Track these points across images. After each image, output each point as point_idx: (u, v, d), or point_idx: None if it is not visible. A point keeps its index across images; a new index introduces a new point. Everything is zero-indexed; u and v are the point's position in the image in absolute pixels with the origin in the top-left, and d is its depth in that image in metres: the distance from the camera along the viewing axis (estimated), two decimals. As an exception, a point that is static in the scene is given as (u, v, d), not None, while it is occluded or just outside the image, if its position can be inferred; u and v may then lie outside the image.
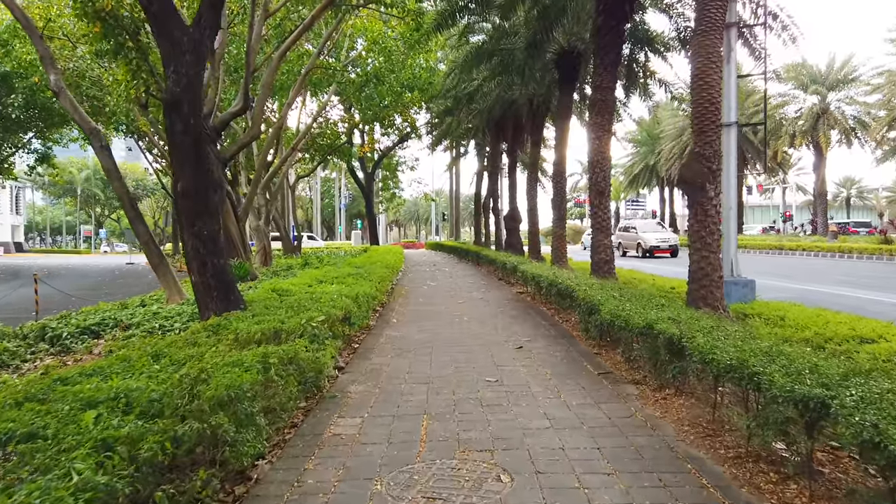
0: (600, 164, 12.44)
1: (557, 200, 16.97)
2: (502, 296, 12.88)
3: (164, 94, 7.19)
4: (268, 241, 19.66)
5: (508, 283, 15.35)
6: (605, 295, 7.24)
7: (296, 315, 6.53)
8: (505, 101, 21.08)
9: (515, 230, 24.47)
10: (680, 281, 12.34)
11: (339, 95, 25.27)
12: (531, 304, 11.48)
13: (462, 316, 10.08)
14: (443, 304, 11.80)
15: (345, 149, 34.42)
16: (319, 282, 10.37)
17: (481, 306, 11.28)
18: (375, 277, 11.67)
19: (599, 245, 12.50)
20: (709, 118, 7.59)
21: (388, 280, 14.19)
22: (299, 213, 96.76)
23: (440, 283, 16.27)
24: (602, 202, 12.56)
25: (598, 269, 12.41)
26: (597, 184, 12.50)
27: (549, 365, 6.34)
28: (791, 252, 28.89)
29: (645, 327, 5.29)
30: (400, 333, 8.56)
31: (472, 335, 8.25)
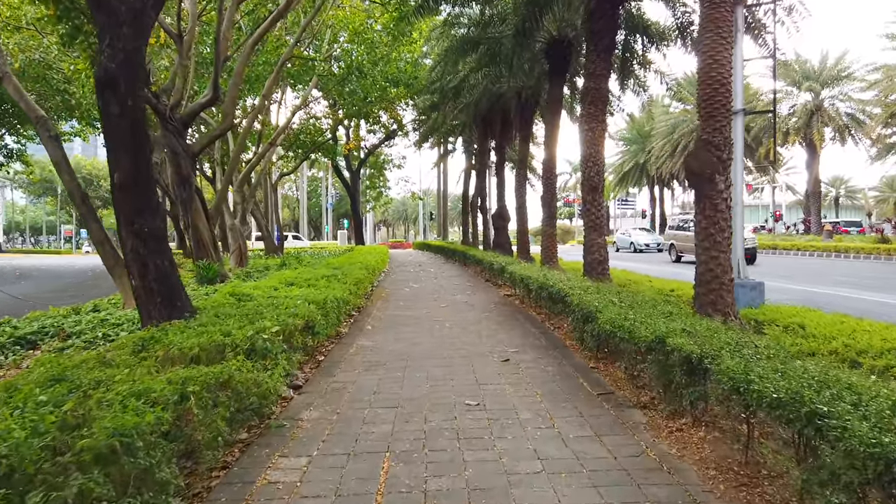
0: (593, 159, 11.60)
1: (547, 198, 16.12)
2: (488, 299, 12.00)
3: (97, 70, 6.24)
4: (243, 240, 18.68)
5: (496, 285, 14.48)
6: (603, 300, 6.38)
7: (249, 324, 5.63)
8: (492, 95, 20.22)
9: (504, 229, 23.61)
10: (679, 283, 11.54)
11: (321, 90, 24.31)
12: (519, 308, 10.61)
13: (444, 322, 9.19)
14: (424, 308, 10.91)
15: (329, 146, 33.51)
16: (288, 284, 9.46)
17: (465, 311, 10.40)
18: (351, 280, 10.78)
19: (592, 244, 11.65)
20: (718, 101, 6.75)
21: (368, 282, 13.29)
22: (286, 212, 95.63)
23: (424, 284, 15.38)
24: (595, 199, 11.72)
25: (591, 270, 11.57)
26: (589, 179, 11.65)
27: (539, 382, 5.46)
28: (786, 252, 28.25)
29: (655, 341, 4.42)
30: (373, 343, 7.66)
31: (454, 345, 7.36)
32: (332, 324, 7.70)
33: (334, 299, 8.00)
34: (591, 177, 11.61)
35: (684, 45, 13.68)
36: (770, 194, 75.89)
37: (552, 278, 9.01)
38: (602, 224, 11.82)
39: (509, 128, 23.05)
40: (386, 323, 9.27)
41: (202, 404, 3.60)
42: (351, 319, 9.72)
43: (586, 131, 11.62)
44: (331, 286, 9.21)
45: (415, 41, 22.74)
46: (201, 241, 14.52)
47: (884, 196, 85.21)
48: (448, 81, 19.16)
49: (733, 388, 3.24)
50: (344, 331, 8.65)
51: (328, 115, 30.46)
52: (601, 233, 11.75)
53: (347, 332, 8.52)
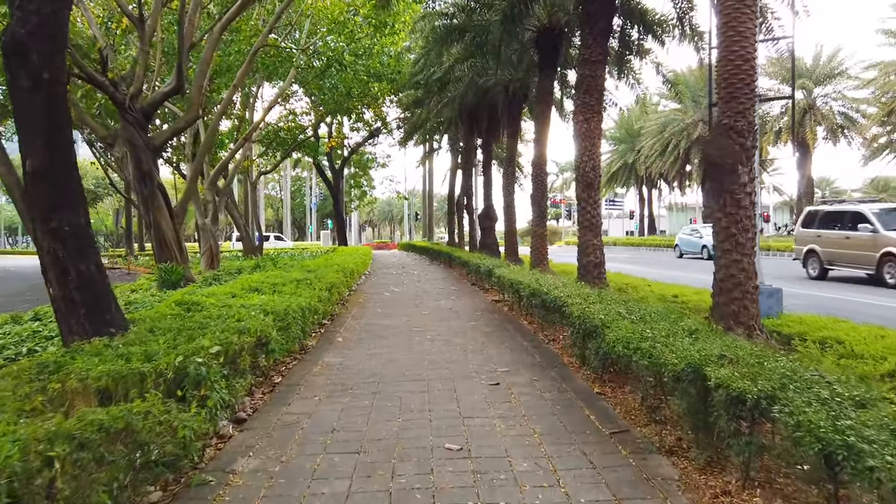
0: (589, 153, 10.66)
1: (537, 196, 15.18)
2: (475, 305, 11.02)
3: (3, 35, 5.18)
4: (214, 240, 17.56)
5: (482, 290, 13.51)
6: (609, 312, 5.42)
7: (186, 342, 4.63)
8: (479, 89, 19.27)
9: (491, 230, 22.66)
10: (681, 288, 10.63)
11: (301, 84, 23.22)
12: (509, 316, 9.64)
13: (425, 332, 8.19)
14: (404, 315, 9.90)
15: (310, 144, 32.42)
16: (252, 290, 8.44)
17: (450, 319, 9.40)
18: (324, 284, 9.78)
19: (588, 245, 10.72)
20: (742, 80, 5.81)
21: (344, 286, 12.26)
22: (269, 212, 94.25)
23: (406, 288, 14.37)
24: (591, 196, 10.78)
25: (586, 273, 10.63)
26: (585, 175, 10.71)
27: (537, 415, 4.48)
28: (780, 253, 27.55)
29: (687, 371, 3.46)
30: (342, 359, 6.65)
31: (435, 362, 6.36)
32: (293, 338, 6.67)
33: (298, 309, 6.98)
34: (587, 172, 10.67)
35: (682, 34, 12.81)
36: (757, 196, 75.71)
37: (546, 284, 8.05)
38: (598, 223, 10.89)
39: (496, 124, 22.12)
40: (360, 334, 8.25)
41: (75, 472, 2.58)
42: (321, 329, 8.70)
43: (581, 123, 10.68)
44: (298, 292, 8.20)
45: (397, 32, 21.72)
46: (164, 242, 13.44)
47: (869, 198, 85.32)
48: (432, 73, 18.17)
49: (822, 451, 2.28)
50: (311, 344, 7.63)
51: (309, 112, 29.41)
52: (597, 233, 10.81)
53: (315, 346, 7.50)
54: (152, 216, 13.24)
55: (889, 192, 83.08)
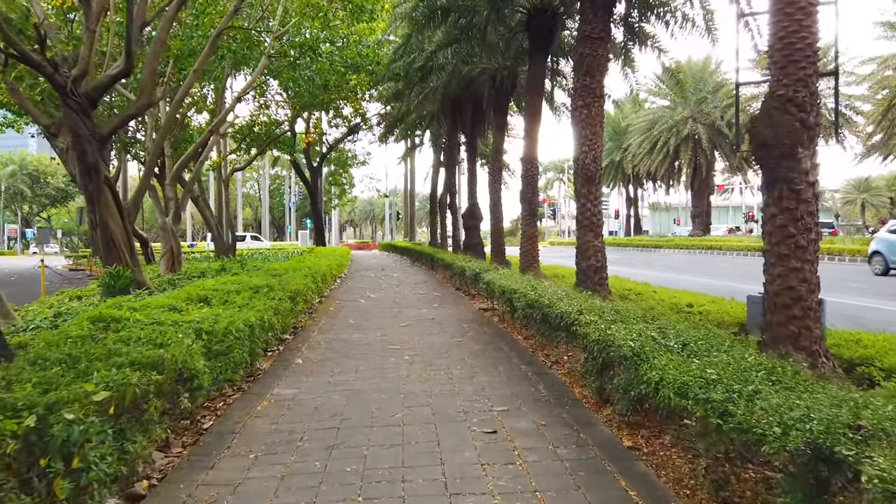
0: (590, 142, 9.42)
1: (528, 194, 13.94)
2: (461, 315, 9.73)
3: None
4: (175, 241, 16.06)
5: (468, 295, 12.24)
6: (637, 335, 4.16)
7: (68, 384, 3.30)
8: (463, 79, 17.99)
9: (476, 229, 21.39)
10: (693, 295, 9.42)
11: (274, 76, 21.76)
12: (500, 329, 8.36)
13: (403, 351, 6.88)
14: (379, 328, 8.59)
15: (286, 140, 30.98)
16: (198, 301, 7.12)
17: (432, 333, 8.10)
18: (287, 292, 8.46)
19: (588, 247, 9.48)
20: (803, 39, 4.58)
21: (313, 293, 10.91)
22: (248, 211, 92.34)
23: (384, 294, 13.05)
24: (591, 191, 9.54)
25: (585, 279, 9.40)
26: (585, 168, 9.47)
27: (554, 490, 3.19)
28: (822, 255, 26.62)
29: (805, 452, 2.19)
30: (297, 391, 5.32)
31: (413, 396, 5.06)
32: (236, 363, 5.33)
33: (245, 327, 5.63)
34: (587, 165, 9.42)
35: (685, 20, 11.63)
36: (739, 196, 75.47)
37: (545, 294, 6.77)
38: (599, 223, 9.65)
39: (481, 117, 20.87)
40: (325, 352, 6.92)
41: None
42: (280, 346, 7.36)
43: (580, 109, 9.44)
44: (252, 304, 6.87)
45: (375, 19, 20.38)
46: (112, 243, 11.98)
47: (851, 198, 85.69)
48: (413, 61, 16.84)
49: None
50: (264, 367, 6.29)
51: (285, 106, 27.99)
52: (598, 233, 9.58)
53: (267, 370, 6.16)
54: (98, 214, 11.79)
55: (871, 193, 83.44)
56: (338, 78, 22.29)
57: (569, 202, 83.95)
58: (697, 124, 36.11)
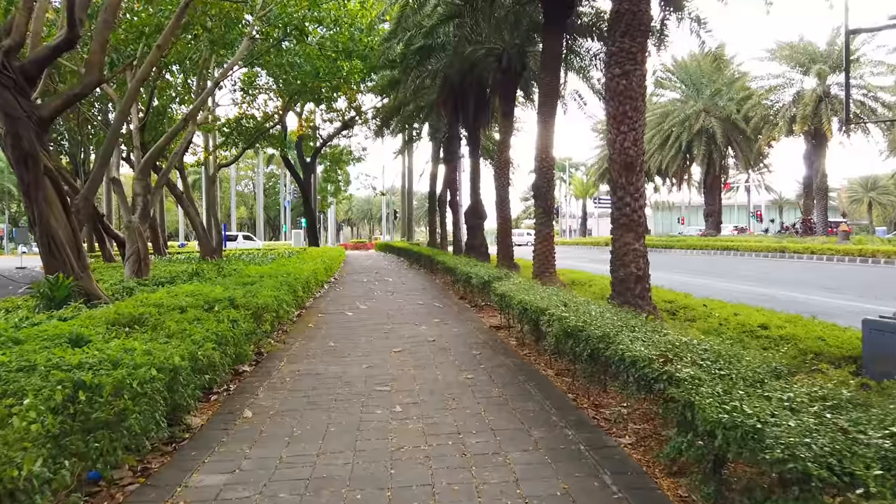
0: (630, 120, 7.56)
1: (542, 187, 12.07)
2: (468, 335, 7.86)
3: None
4: (143, 242, 14.14)
5: (475, 307, 10.39)
6: (814, 419, 2.32)
7: None
8: (465, 61, 16.11)
9: (479, 229, 19.54)
10: (766, 314, 7.54)
11: (256, 58, 19.85)
12: (520, 357, 6.50)
13: (393, 398, 5.01)
14: (366, 354, 6.72)
15: (276, 134, 29.16)
16: (126, 324, 5.43)
17: (433, 365, 6.24)
18: (252, 308, 6.70)
19: (626, 251, 7.62)
20: None
21: (289, 306, 9.01)
22: (242, 210, 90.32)
23: (376, 304, 11.19)
24: (631, 181, 7.66)
25: (624, 290, 7.54)
26: (623, 152, 7.60)
27: None
28: (797, 256, 24.81)
29: None
30: (228, 478, 3.45)
31: (407, 486, 3.22)
32: (132, 434, 3.46)
33: (158, 375, 3.77)
34: (626, 148, 7.56)
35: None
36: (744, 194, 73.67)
37: (591, 317, 4.91)
38: (641, 220, 7.77)
39: (485, 107, 19.00)
40: (285, 400, 5.04)
41: None
42: (233, 385, 5.51)
43: (617, 79, 7.58)
44: (192, 330, 5.08)
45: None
46: (54, 245, 10.05)
47: (857, 196, 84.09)
48: (410, 40, 14.98)
49: None
50: (195, 423, 4.44)
51: (274, 97, 26.14)
52: (640, 234, 7.71)
53: (199, 430, 4.31)
54: (37, 211, 9.89)
55: (878, 191, 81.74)
56: (328, 64, 20.46)
57: (570, 201, 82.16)
58: (711, 118, 34.19)
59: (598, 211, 74.14)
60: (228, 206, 74.40)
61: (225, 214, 79.19)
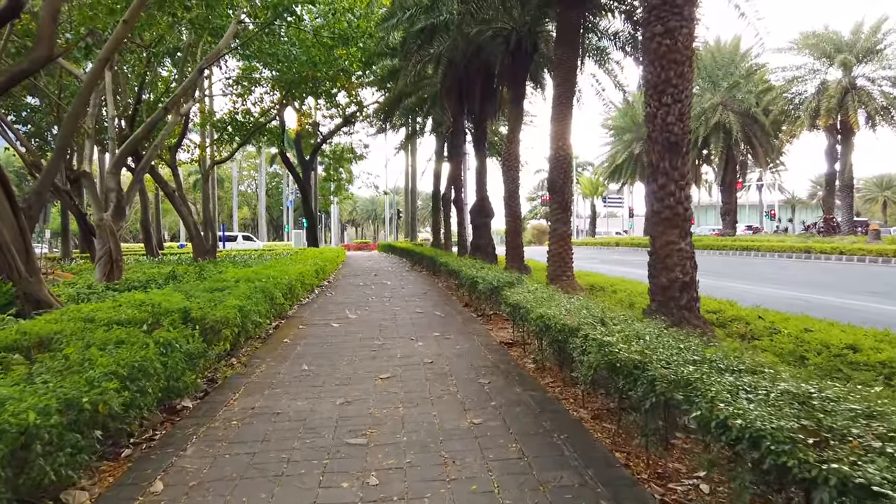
0: (674, 88, 6.10)
1: (559, 180, 10.61)
2: (475, 355, 6.40)
3: None
4: (115, 242, 12.75)
5: (482, 316, 8.94)
6: None
7: None
8: (471, 44, 14.68)
9: (485, 228, 18.08)
10: (852, 331, 6.07)
11: (244, 45, 18.46)
12: (542, 389, 5.04)
13: (368, 460, 3.57)
14: (344, 383, 5.29)
15: (273, 129, 27.82)
16: (12, 347, 3.99)
17: (429, 401, 4.79)
18: (210, 321, 5.37)
19: (670, 253, 6.16)
20: None
21: (261, 317, 7.57)
22: (245, 210, 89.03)
23: (368, 313, 9.76)
24: (675, 165, 6.20)
25: (667, 300, 6.08)
26: (666, 128, 6.15)
27: None
28: (824, 256, 23.24)
29: None
30: None
31: None
32: None
33: None
34: (669, 124, 6.11)
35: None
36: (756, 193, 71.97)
37: (650, 346, 3.47)
38: (687, 214, 6.31)
39: (492, 96, 17.53)
40: (217, 466, 3.59)
41: None
42: (158, 432, 4.09)
43: (658, 37, 6.13)
44: (101, 362, 3.69)
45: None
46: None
47: (872, 196, 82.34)
48: (412, 17, 13.56)
49: None
50: (80, 500, 3.03)
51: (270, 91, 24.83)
52: (686, 231, 6.25)
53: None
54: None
55: (893, 191, 79.88)
56: (324, 52, 19.11)
57: (578, 201, 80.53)
58: (729, 112, 32.59)
59: (605, 210, 72.59)
60: (231, 206, 73.18)
61: (227, 215, 77.97)
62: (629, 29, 12.12)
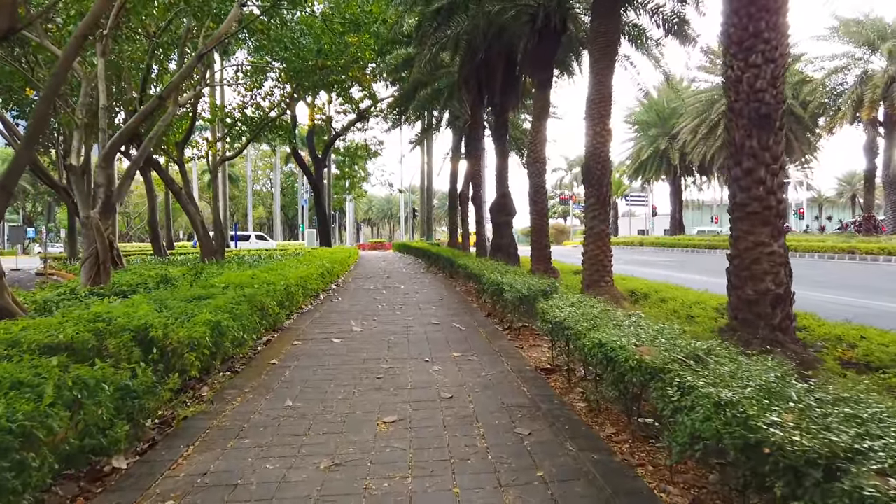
0: (765, 44, 4.72)
1: (596, 170, 9.22)
2: (505, 387, 5.04)
3: None
4: (103, 242, 11.56)
5: (509, 330, 7.58)
6: None
7: None
8: (491, 24, 13.34)
9: (507, 226, 16.74)
10: None
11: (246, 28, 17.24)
12: (607, 445, 3.67)
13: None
14: (336, 430, 3.97)
15: (283, 125, 26.66)
16: None
17: (447, 463, 3.46)
18: (170, 345, 4.08)
19: (758, 257, 4.81)
20: None
21: (244, 332, 6.27)
22: (260, 210, 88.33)
23: (376, 325, 8.45)
24: (766, 142, 4.81)
25: (755, 318, 4.77)
26: (755, 95, 4.76)
27: None
28: (870, 258, 21.57)
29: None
30: None
31: None
32: None
33: None
34: (760, 91, 4.73)
35: None
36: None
37: (802, 406, 2.11)
38: (781, 208, 4.91)
39: (514, 83, 16.15)
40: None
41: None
42: None
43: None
44: None
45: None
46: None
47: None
48: None
49: None
50: None
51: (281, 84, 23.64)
52: (778, 228, 4.86)
53: None
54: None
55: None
56: (334, 40, 17.86)
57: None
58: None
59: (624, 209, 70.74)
60: (246, 205, 72.49)
61: (242, 214, 77.22)
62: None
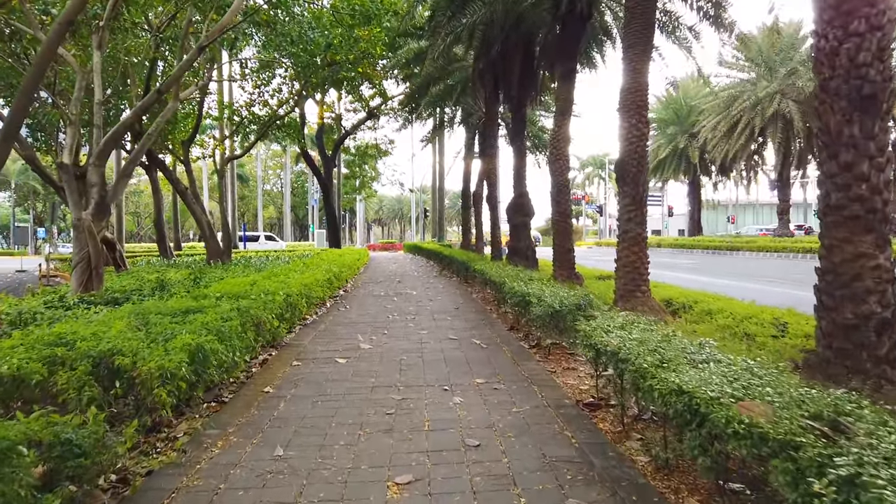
0: (869, 8, 3.80)
1: (631, 166, 8.29)
2: (546, 430, 4.14)
3: None
4: (94, 245, 10.76)
5: (536, 347, 6.66)
6: None
7: None
8: (509, 13, 12.44)
9: (524, 228, 15.83)
10: None
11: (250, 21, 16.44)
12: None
13: None
14: (332, 497, 3.11)
15: (292, 123, 25.90)
16: None
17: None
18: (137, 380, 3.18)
19: (859, 269, 3.85)
20: None
21: (225, 356, 5.40)
22: (271, 210, 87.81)
23: (386, 340, 7.57)
24: (870, 130, 3.89)
25: (852, 350, 3.95)
26: (857, 71, 3.84)
27: None
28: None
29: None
30: None
31: None
32: None
33: None
34: (861, 66, 3.80)
35: None
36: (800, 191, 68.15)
37: None
38: (887, 212, 3.99)
39: (532, 76, 15.23)
40: None
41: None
42: None
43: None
44: None
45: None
46: None
47: None
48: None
49: None
50: None
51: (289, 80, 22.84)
52: (883, 236, 3.93)
53: None
54: None
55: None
56: (344, 33, 17.03)
57: (610, 199, 77.48)
58: (788, 101, 29.62)
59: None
60: (256, 205, 71.96)
61: (252, 214, 76.69)
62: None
